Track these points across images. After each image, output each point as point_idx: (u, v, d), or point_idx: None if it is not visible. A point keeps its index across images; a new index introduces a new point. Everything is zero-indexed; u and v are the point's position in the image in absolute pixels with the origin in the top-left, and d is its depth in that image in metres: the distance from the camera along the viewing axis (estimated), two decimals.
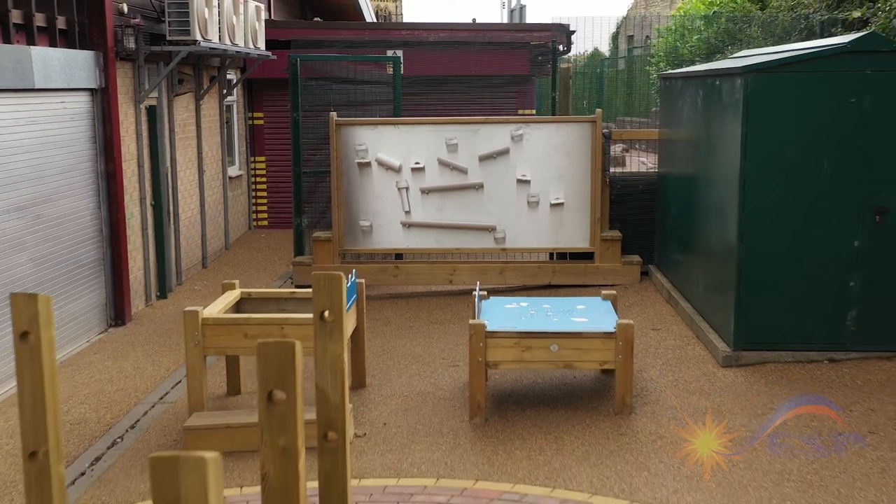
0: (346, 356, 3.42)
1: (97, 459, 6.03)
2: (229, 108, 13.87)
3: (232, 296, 7.02)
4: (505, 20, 36.64)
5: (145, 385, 7.60)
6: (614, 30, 46.42)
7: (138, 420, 6.82)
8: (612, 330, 6.23)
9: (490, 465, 5.57)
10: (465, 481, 5.36)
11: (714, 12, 15.29)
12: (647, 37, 23.76)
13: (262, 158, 14.89)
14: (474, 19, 78.01)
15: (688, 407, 6.38)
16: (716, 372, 7.09)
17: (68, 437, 6.45)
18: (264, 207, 15.01)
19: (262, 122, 14.77)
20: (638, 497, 5.02)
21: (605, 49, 32.38)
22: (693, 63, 14.74)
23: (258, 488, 5.13)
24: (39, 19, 8.15)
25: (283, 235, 13.99)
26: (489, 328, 6.29)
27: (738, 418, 6.12)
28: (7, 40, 7.67)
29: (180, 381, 7.65)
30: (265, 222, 14.98)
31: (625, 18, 52.08)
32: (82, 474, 5.81)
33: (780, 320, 7.11)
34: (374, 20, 22.33)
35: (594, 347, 6.24)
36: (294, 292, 7.25)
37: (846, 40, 6.94)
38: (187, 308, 6.38)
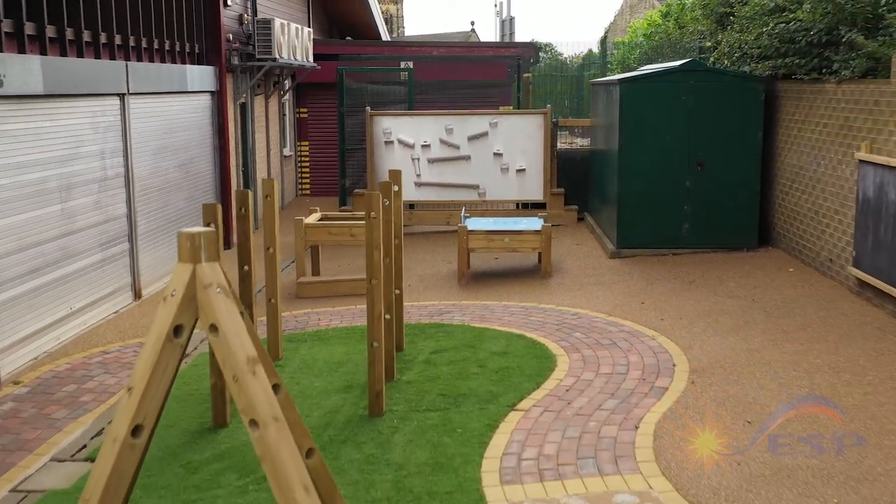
0: None
1: None
2: (283, 104, 18.63)
3: (317, 215, 11.76)
4: (498, 28, 41.21)
5: (257, 276, 12.31)
6: (603, 34, 50.80)
7: (261, 289, 11.54)
8: (539, 229, 10.99)
9: (468, 296, 10.33)
10: (455, 301, 10.12)
11: (651, 32, 20.03)
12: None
13: (306, 143, 19.69)
14: (472, 22, 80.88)
15: (584, 276, 11.14)
16: (605, 261, 11.88)
17: None
18: (307, 179, 19.80)
19: (306, 115, 19.57)
20: (543, 301, 9.79)
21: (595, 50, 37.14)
22: (636, 69, 19.42)
23: (342, 307, 9.98)
24: (188, 47, 12.90)
25: (323, 200, 18.75)
26: (469, 228, 11.05)
27: (608, 275, 10.90)
28: (172, 61, 12.41)
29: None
30: (308, 191, 19.77)
31: (612, 24, 56.66)
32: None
33: (644, 231, 11.86)
34: (388, 37, 27.13)
35: (529, 239, 11.02)
36: (353, 213, 12.00)
37: (679, 63, 11.72)
38: (296, 217, 11.16)
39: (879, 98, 8.62)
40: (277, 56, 14.80)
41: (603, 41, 44.84)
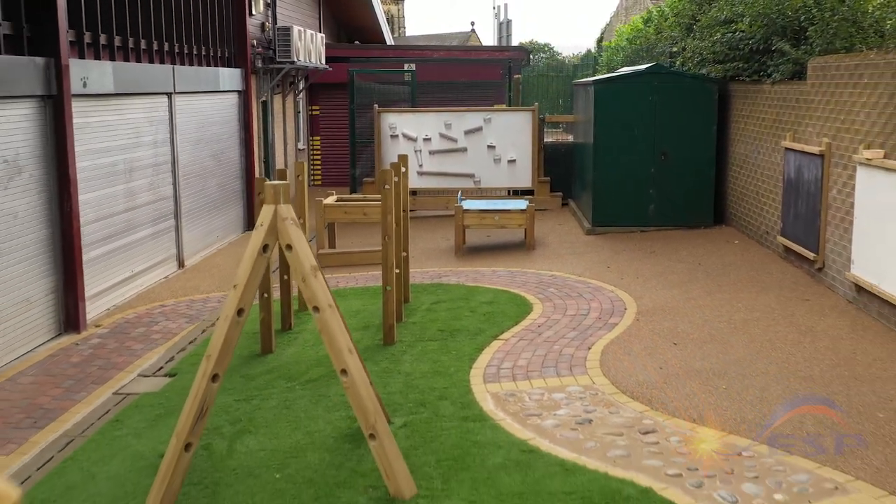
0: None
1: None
2: (298, 102, 20.50)
3: (333, 197, 13.64)
4: (496, 30, 43.01)
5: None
6: (599, 36, 52.97)
7: None
8: (525, 208, 12.87)
9: (463, 264, 12.21)
10: (452, 268, 12.00)
11: (633, 36, 21.90)
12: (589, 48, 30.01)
13: (318, 137, 21.58)
14: (473, 23, 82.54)
15: (562, 248, 13.02)
16: (581, 237, 13.77)
17: None
18: (318, 170, 21.69)
19: (318, 112, 21.46)
20: (526, 267, 11.67)
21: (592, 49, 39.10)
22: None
23: (357, 273, 11.87)
24: (219, 52, 14.78)
25: (333, 189, 20.61)
26: (465, 208, 12.93)
27: (583, 248, 12.78)
28: (207, 64, 14.29)
29: None
30: (319, 181, 21.65)
31: (607, 25, 58.49)
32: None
33: (615, 211, 13.74)
34: (392, 40, 29.04)
35: (516, 216, 12.90)
36: (366, 196, 13.88)
37: (645, 67, 13.60)
38: (317, 198, 13.04)
39: (799, 97, 10.50)
40: (295, 59, 16.67)
41: (599, 43, 46.82)
